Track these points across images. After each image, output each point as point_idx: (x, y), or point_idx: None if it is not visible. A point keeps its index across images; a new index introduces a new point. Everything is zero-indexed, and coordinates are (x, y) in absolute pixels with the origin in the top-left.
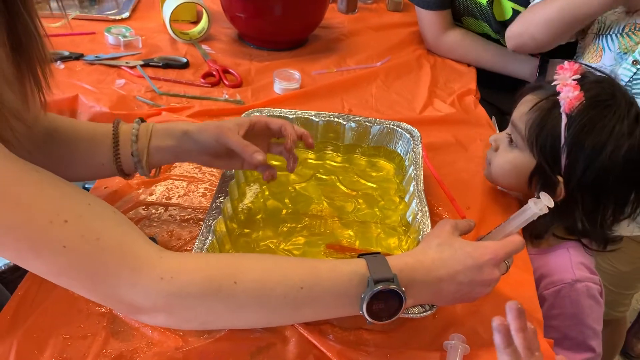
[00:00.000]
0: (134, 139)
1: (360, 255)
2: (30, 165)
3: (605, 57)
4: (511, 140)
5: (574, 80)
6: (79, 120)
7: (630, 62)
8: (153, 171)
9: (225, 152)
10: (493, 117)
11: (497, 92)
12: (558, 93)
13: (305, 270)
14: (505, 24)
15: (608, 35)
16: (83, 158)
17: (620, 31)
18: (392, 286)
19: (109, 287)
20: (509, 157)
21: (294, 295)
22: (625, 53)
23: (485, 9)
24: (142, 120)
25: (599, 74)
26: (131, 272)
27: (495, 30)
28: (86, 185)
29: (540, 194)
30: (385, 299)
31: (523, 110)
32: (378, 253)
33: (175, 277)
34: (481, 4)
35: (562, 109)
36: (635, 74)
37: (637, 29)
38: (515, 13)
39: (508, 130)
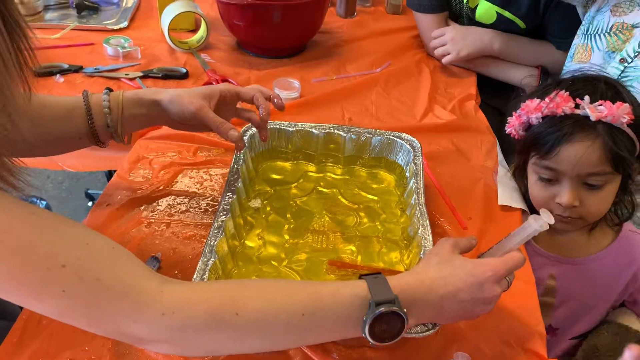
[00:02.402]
0: (106, 111)
1: (361, 276)
2: (26, 207)
3: (595, 56)
4: (592, 186)
5: (594, 105)
6: (47, 98)
7: (618, 60)
8: (126, 138)
9: (196, 123)
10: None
11: (498, 95)
12: (596, 122)
13: (306, 296)
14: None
15: (597, 35)
16: (61, 137)
17: (608, 30)
18: (394, 308)
19: (111, 324)
20: (605, 195)
21: (296, 322)
22: (614, 52)
23: (471, 12)
24: (110, 90)
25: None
26: (133, 309)
27: None
28: (88, 191)
29: (540, 210)
30: (387, 321)
31: (592, 158)
32: (379, 273)
33: (177, 312)
34: (469, 8)
35: (620, 126)
36: (622, 71)
37: (624, 27)
38: (500, 16)
39: (568, 185)
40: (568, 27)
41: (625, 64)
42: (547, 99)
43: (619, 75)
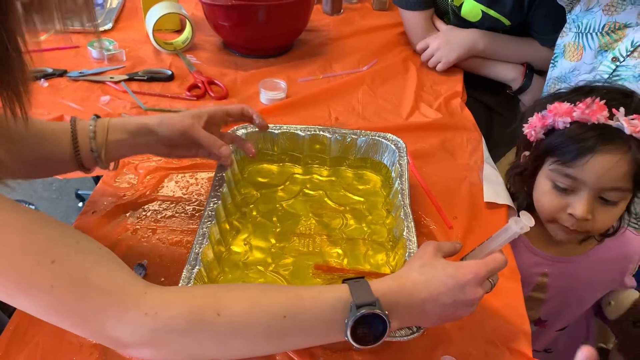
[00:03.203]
0: (92, 136)
1: (344, 281)
2: (19, 206)
3: (586, 55)
4: (606, 201)
5: (628, 118)
6: (36, 121)
7: (610, 59)
8: (112, 164)
9: (184, 143)
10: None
11: (486, 90)
12: (628, 136)
13: (288, 299)
14: (475, 25)
15: (588, 34)
16: (45, 159)
17: (600, 29)
18: (375, 310)
19: (96, 324)
20: (616, 212)
21: (278, 325)
22: (606, 51)
23: (457, 10)
24: (98, 117)
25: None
26: (117, 309)
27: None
28: (79, 191)
29: (520, 213)
30: (369, 324)
31: (618, 173)
32: (362, 277)
33: (160, 312)
34: (454, 6)
35: None
36: (614, 70)
37: (616, 27)
38: (485, 15)
39: (585, 197)
40: (552, 24)
41: (617, 63)
42: (581, 105)
43: (611, 74)
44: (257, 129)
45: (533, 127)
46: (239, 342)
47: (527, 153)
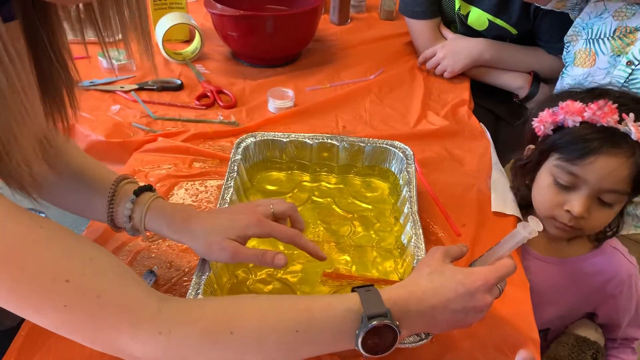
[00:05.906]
0: (125, 220)
1: (354, 289)
2: (34, 220)
3: (599, 60)
4: (603, 202)
5: (637, 124)
6: (88, 167)
7: (625, 63)
8: (150, 233)
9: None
10: (482, 124)
11: (493, 97)
12: (634, 141)
13: (299, 313)
14: (482, 34)
15: (600, 40)
16: (81, 207)
17: (612, 34)
18: (386, 321)
19: (109, 340)
20: (611, 213)
21: (290, 340)
22: (619, 55)
23: (462, 18)
24: (137, 193)
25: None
26: (131, 327)
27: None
28: None
29: (528, 217)
30: (380, 334)
31: (619, 175)
32: (372, 285)
33: (173, 331)
34: (461, 15)
35: None
36: (630, 74)
37: (628, 31)
38: (492, 23)
39: (583, 196)
40: (558, 33)
41: (633, 67)
42: (593, 106)
43: (627, 78)
44: (265, 138)
45: (543, 122)
46: (252, 357)
47: (531, 146)
